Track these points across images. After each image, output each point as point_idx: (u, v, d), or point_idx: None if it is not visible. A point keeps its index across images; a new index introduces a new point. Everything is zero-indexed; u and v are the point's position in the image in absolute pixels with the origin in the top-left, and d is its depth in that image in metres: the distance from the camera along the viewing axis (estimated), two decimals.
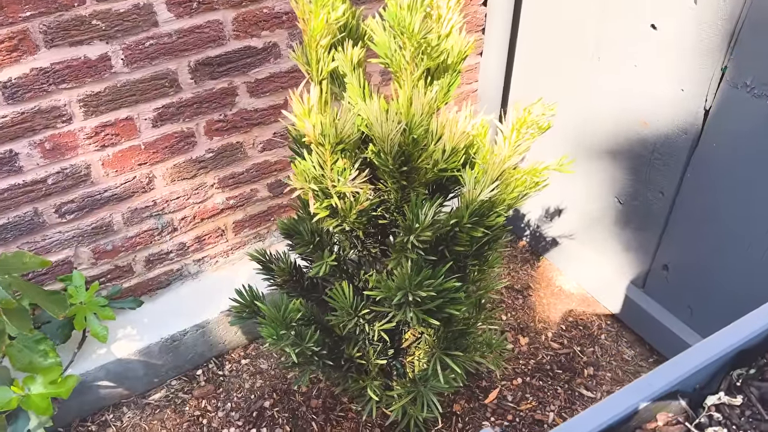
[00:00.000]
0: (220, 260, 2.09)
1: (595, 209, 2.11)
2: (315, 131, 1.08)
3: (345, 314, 1.35)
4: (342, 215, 1.18)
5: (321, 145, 1.10)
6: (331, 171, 1.15)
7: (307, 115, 1.06)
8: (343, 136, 1.08)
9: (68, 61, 1.51)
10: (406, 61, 1.12)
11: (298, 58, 1.15)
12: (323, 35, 1.09)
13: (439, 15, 1.13)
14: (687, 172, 1.75)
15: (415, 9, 1.05)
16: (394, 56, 1.11)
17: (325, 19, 1.07)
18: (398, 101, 1.17)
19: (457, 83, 1.23)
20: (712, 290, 1.83)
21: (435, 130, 1.16)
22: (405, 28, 1.05)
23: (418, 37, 1.06)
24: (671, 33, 1.63)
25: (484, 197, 1.13)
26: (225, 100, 1.78)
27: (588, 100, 1.94)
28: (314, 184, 1.15)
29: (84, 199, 1.72)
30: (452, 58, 1.19)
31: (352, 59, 1.17)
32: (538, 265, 2.40)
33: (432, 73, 1.21)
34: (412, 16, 1.05)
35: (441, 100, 1.23)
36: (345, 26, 1.20)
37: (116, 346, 1.86)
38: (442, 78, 1.19)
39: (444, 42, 1.12)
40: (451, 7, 1.11)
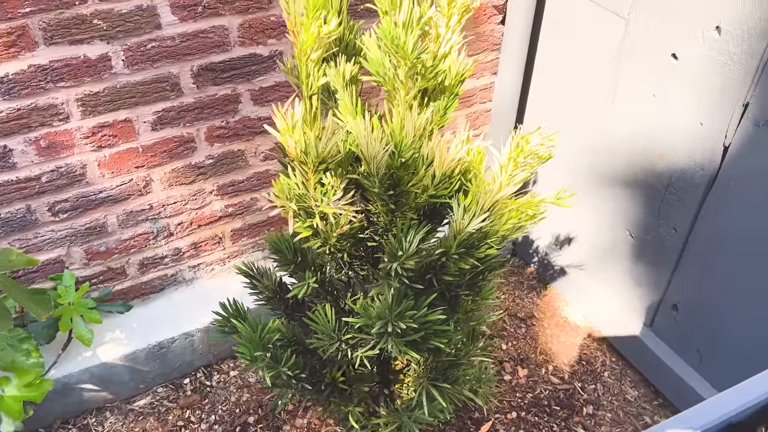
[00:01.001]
0: (216, 268, 2.05)
1: (605, 240, 2.02)
2: (297, 149, 1.03)
3: (326, 338, 1.29)
4: (323, 237, 1.13)
5: (303, 164, 1.05)
6: (314, 190, 1.10)
7: (290, 132, 1.01)
8: (326, 156, 1.03)
9: (67, 60, 1.49)
10: (400, 81, 1.06)
11: (287, 72, 1.10)
12: (314, 49, 1.04)
13: (437, 34, 1.08)
14: (702, 209, 1.66)
15: (411, 27, 1.00)
16: (387, 75, 1.06)
17: (316, 33, 1.02)
18: (391, 121, 1.12)
19: (454, 106, 1.17)
20: (724, 335, 1.73)
21: (426, 154, 1.10)
22: (399, 47, 1.00)
23: (412, 57, 1.00)
24: (692, 64, 1.55)
25: (472, 228, 1.06)
26: (227, 106, 1.74)
27: (604, 127, 1.87)
28: (296, 202, 1.10)
29: (78, 198, 1.69)
30: (450, 80, 1.13)
31: (344, 75, 1.12)
32: (545, 294, 2.32)
33: (429, 94, 1.15)
34: (407, 35, 0.99)
35: (437, 122, 1.17)
36: (340, 40, 1.15)
37: (102, 350, 1.83)
38: (439, 100, 1.14)
39: (441, 63, 1.07)
40: (450, 26, 1.06)
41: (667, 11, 1.56)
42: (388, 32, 1.00)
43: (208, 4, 1.56)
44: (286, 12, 1.04)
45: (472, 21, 1.94)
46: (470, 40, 1.98)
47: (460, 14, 1.05)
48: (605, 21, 1.74)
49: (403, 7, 0.99)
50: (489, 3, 1.93)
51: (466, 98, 2.12)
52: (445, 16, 1.05)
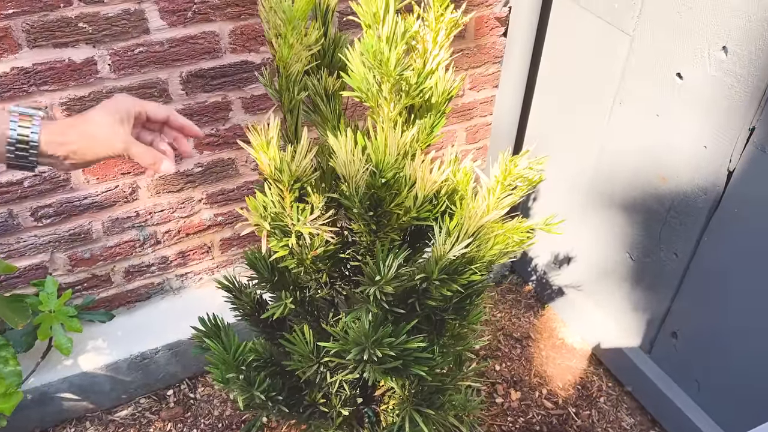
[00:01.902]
0: (204, 277, 2.01)
1: (604, 262, 1.96)
2: (271, 166, 0.98)
3: (304, 360, 1.24)
4: (298, 258, 1.08)
5: (278, 182, 1.00)
6: (290, 208, 1.05)
7: (264, 148, 0.97)
8: (300, 174, 0.98)
9: (51, 63, 1.45)
10: (384, 98, 1.01)
11: (266, 84, 1.05)
12: (293, 62, 0.99)
13: (424, 49, 1.02)
14: (704, 235, 1.60)
15: (395, 42, 0.95)
16: (370, 91, 1.01)
17: (295, 45, 0.97)
18: (375, 138, 1.07)
19: (442, 124, 1.11)
20: (724, 366, 1.67)
21: (409, 175, 1.05)
22: (382, 62, 0.95)
23: (395, 73, 0.95)
24: (697, 84, 1.49)
25: (455, 255, 1.01)
26: (218, 114, 1.70)
27: (605, 145, 1.81)
28: (271, 221, 1.05)
29: (62, 204, 1.66)
30: (436, 97, 1.08)
31: (325, 89, 1.07)
32: (542, 314, 2.25)
33: (415, 111, 1.10)
34: (391, 50, 0.94)
35: (423, 141, 1.12)
36: (324, 52, 1.10)
37: (83, 359, 1.79)
38: (425, 118, 1.08)
39: (426, 80, 1.01)
40: (438, 42, 1.01)
41: (673, 29, 1.50)
42: (370, 47, 0.95)
43: (198, 9, 1.51)
44: (265, 22, 0.99)
45: (473, 33, 1.89)
46: (471, 52, 1.93)
47: (448, 29, 0.99)
48: (610, 37, 1.68)
49: (386, 21, 0.94)
50: (491, 15, 1.88)
51: (465, 111, 2.07)
52: (432, 30, 1.00)
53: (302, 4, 0.95)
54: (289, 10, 0.94)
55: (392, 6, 0.94)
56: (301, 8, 0.95)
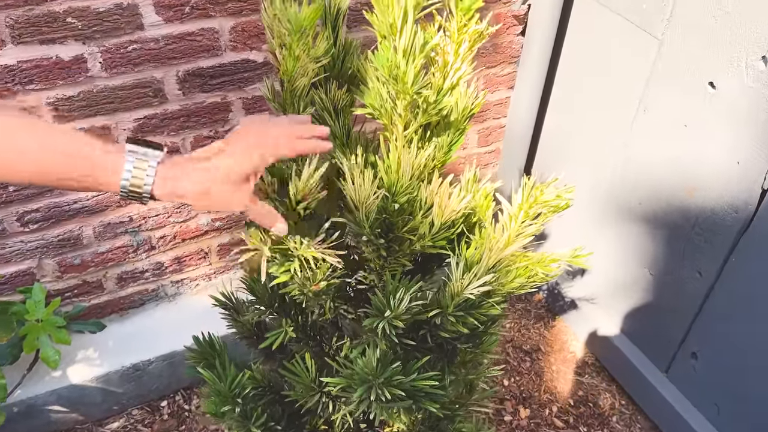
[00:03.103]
0: (201, 283, 1.92)
1: (621, 276, 1.86)
2: (275, 184, 0.88)
3: (305, 390, 1.15)
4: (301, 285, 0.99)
5: (281, 202, 0.91)
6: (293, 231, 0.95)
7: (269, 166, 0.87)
8: (306, 195, 0.89)
9: (38, 60, 1.35)
10: (398, 115, 0.91)
11: (269, 99, 0.95)
12: (299, 75, 0.89)
13: (445, 62, 0.92)
14: (732, 255, 1.50)
15: (413, 55, 0.85)
16: (383, 107, 0.91)
17: (302, 57, 0.87)
18: (387, 157, 0.97)
19: (460, 142, 1.02)
20: (746, 392, 1.58)
21: (424, 198, 0.95)
22: (398, 78, 0.84)
23: (412, 90, 0.85)
24: (732, 95, 1.38)
25: (471, 293, 0.92)
26: (217, 115, 1.60)
27: (627, 155, 1.70)
28: (272, 244, 0.96)
29: (50, 209, 1.56)
30: (456, 115, 0.98)
31: (334, 103, 0.97)
32: (553, 325, 2.16)
33: (432, 128, 1.00)
34: (408, 65, 0.84)
35: (440, 160, 1.02)
36: (332, 61, 0.99)
37: (73, 370, 1.70)
38: (442, 135, 0.98)
39: (446, 98, 0.91)
40: (460, 54, 0.90)
41: (707, 35, 1.40)
42: (385, 60, 0.84)
43: (196, 4, 1.41)
44: (269, 30, 0.89)
45: None
46: (486, 51, 1.82)
47: (472, 41, 0.89)
48: (636, 40, 1.57)
49: (404, 32, 0.84)
50: (508, 12, 1.77)
51: (479, 113, 1.96)
52: (454, 42, 0.89)
53: (311, 11, 0.84)
54: (295, 18, 0.84)
55: (411, 16, 0.84)
56: (309, 16, 0.84)
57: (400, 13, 0.83)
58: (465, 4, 0.86)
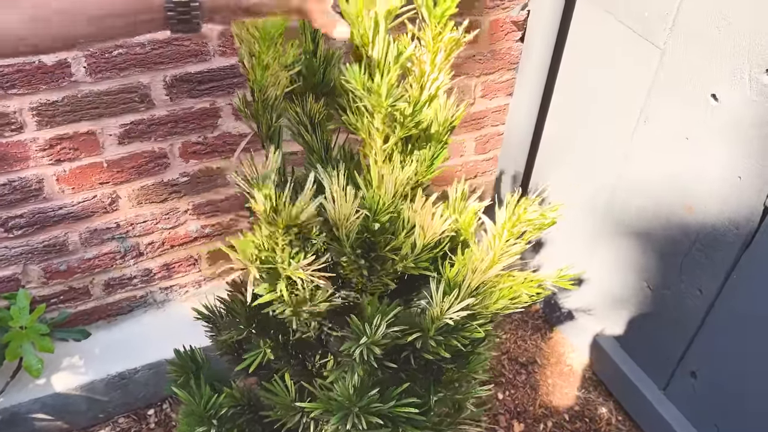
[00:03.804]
0: (190, 290, 1.89)
1: (619, 289, 1.82)
2: (266, 206, 0.84)
3: (285, 410, 1.12)
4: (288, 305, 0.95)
5: (271, 224, 0.87)
6: (282, 252, 0.92)
7: (260, 185, 0.83)
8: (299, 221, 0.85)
9: (20, 65, 1.32)
10: (376, 129, 0.87)
11: (240, 108, 0.91)
12: (270, 84, 0.86)
13: (422, 71, 0.88)
14: (733, 273, 1.45)
15: (387, 68, 0.80)
16: (360, 121, 0.87)
17: (271, 66, 0.83)
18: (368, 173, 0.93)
19: (443, 155, 0.97)
20: (747, 413, 1.53)
21: (407, 218, 0.91)
22: (372, 90, 0.80)
23: (386, 104, 0.81)
24: (735, 108, 1.33)
25: (451, 319, 0.88)
26: (205, 121, 1.56)
27: (626, 166, 1.66)
28: (260, 263, 0.92)
29: (34, 215, 1.53)
30: (436, 127, 0.93)
31: (310, 116, 0.93)
32: (550, 337, 2.12)
33: (413, 141, 0.96)
34: (382, 77, 0.80)
35: (423, 174, 0.98)
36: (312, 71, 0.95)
37: (57, 378, 1.67)
38: (424, 149, 0.94)
39: (423, 110, 0.87)
40: (436, 63, 0.86)
41: (710, 45, 1.35)
42: (358, 75, 0.80)
43: None
44: (237, 37, 0.85)
45: (487, 37, 1.74)
46: (484, 57, 1.78)
47: (448, 50, 0.85)
48: (638, 49, 1.53)
49: (376, 43, 0.80)
50: (507, 18, 1.73)
51: (476, 120, 1.92)
52: (430, 51, 0.85)
53: (279, 18, 0.80)
54: (263, 26, 0.80)
55: (383, 26, 0.80)
56: (278, 23, 0.81)
57: (371, 23, 0.79)
58: (438, 12, 0.82)
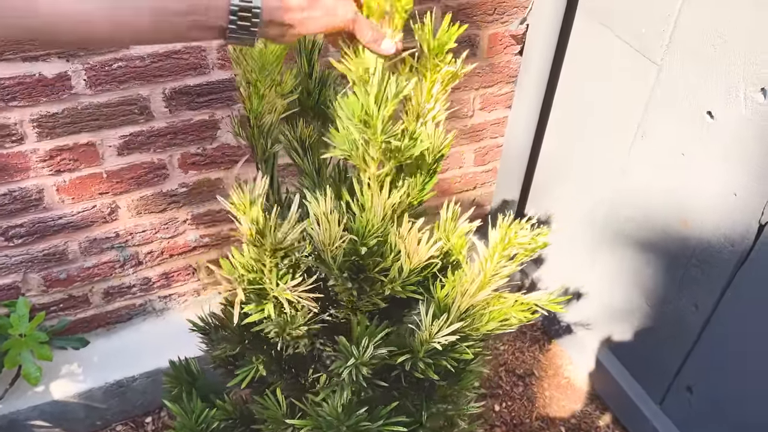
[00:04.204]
0: (189, 299, 1.90)
1: (617, 303, 1.82)
2: (252, 230, 0.85)
3: (276, 425, 1.12)
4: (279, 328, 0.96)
5: (257, 246, 0.88)
6: (270, 272, 0.92)
7: (246, 209, 0.84)
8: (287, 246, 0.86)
9: (20, 78, 1.33)
10: (370, 157, 0.88)
11: (236, 133, 0.92)
12: (266, 111, 0.87)
13: (417, 101, 0.88)
14: (729, 290, 1.45)
15: (385, 102, 0.81)
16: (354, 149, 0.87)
17: (267, 94, 0.84)
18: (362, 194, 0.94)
19: (434, 182, 0.98)
20: (742, 430, 1.53)
21: (394, 242, 0.91)
22: (368, 123, 0.81)
23: (381, 138, 0.82)
24: (730, 126, 1.34)
25: (439, 343, 0.88)
26: (205, 133, 1.58)
27: (624, 180, 1.66)
28: (248, 284, 0.93)
29: (34, 224, 1.55)
30: (428, 156, 0.94)
31: (301, 140, 0.94)
32: (548, 349, 2.12)
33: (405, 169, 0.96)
34: (379, 112, 0.80)
35: (415, 197, 0.99)
36: (307, 93, 0.96)
37: (55, 385, 1.69)
38: (416, 176, 0.95)
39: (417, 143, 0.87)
40: (433, 95, 0.87)
41: (706, 62, 1.35)
42: (357, 108, 0.81)
43: None
44: (235, 63, 0.86)
45: (485, 51, 1.75)
46: (483, 71, 1.78)
47: (445, 82, 0.86)
48: (635, 64, 1.53)
49: (375, 79, 0.81)
50: (506, 32, 1.73)
51: (475, 132, 1.93)
52: (427, 81, 0.86)
53: (276, 47, 0.81)
54: (260, 55, 0.81)
55: (380, 67, 0.81)
56: (274, 53, 0.82)
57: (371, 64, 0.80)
58: (437, 44, 0.82)
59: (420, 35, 0.83)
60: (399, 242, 0.89)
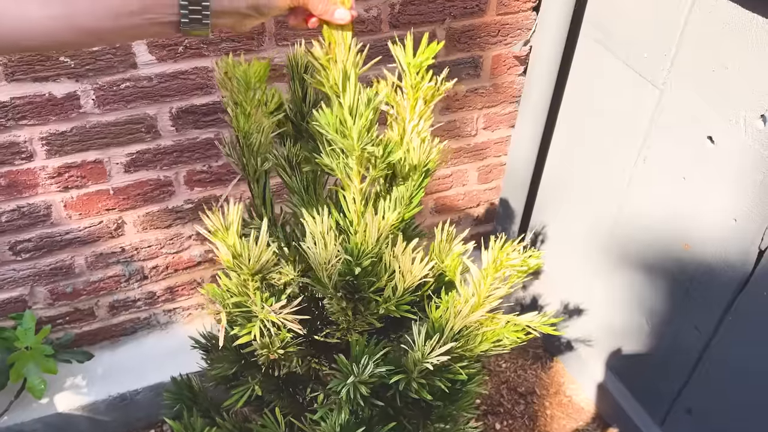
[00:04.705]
0: (193, 313, 1.92)
1: (618, 323, 1.82)
2: (229, 256, 0.87)
3: None
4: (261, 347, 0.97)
5: (236, 271, 0.90)
6: (254, 295, 0.94)
7: (223, 235, 0.86)
8: (261, 268, 0.87)
9: (30, 97, 1.36)
10: (350, 168, 0.89)
11: (227, 154, 0.95)
12: (254, 131, 0.89)
13: (402, 117, 0.90)
14: (729, 313, 1.45)
15: (359, 113, 0.83)
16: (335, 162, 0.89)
17: (254, 114, 0.86)
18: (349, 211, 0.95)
19: (420, 195, 0.99)
20: None
21: (388, 262, 0.93)
22: (344, 134, 0.83)
23: (358, 147, 0.83)
24: (731, 152, 1.34)
25: (430, 363, 0.89)
26: (210, 150, 1.60)
27: (625, 201, 1.67)
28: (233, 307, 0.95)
29: (42, 239, 1.57)
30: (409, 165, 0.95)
31: (288, 159, 0.96)
32: (550, 366, 2.12)
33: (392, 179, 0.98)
34: (354, 121, 0.82)
35: (404, 213, 1.00)
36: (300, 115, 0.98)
37: (60, 398, 1.71)
38: (402, 188, 0.96)
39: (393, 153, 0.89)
40: (416, 111, 0.88)
41: (706, 88, 1.36)
42: (332, 118, 0.83)
43: (190, 44, 1.41)
44: (220, 86, 0.89)
45: (489, 71, 1.76)
46: (486, 91, 1.80)
47: (428, 98, 0.87)
48: (637, 87, 1.54)
49: (347, 90, 0.82)
50: (509, 53, 1.75)
51: (478, 151, 1.94)
52: (410, 98, 0.88)
53: (259, 67, 0.84)
54: (244, 75, 0.83)
55: (353, 75, 0.82)
56: (257, 72, 0.84)
57: (339, 74, 0.82)
58: (416, 62, 0.84)
59: (399, 52, 0.84)
60: (393, 262, 0.90)
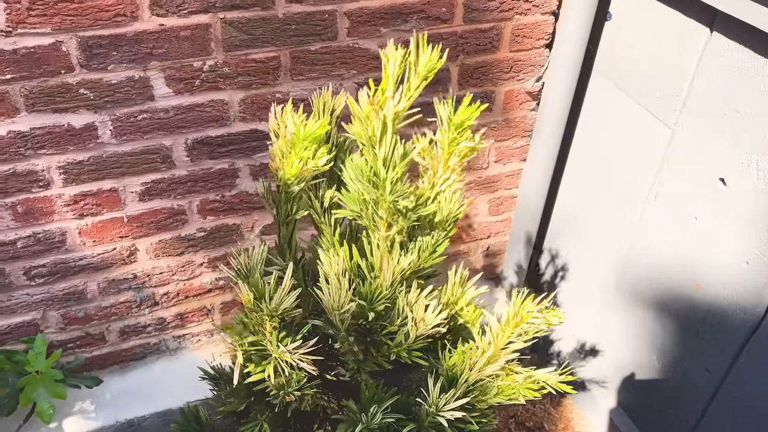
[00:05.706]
0: (203, 339, 1.92)
1: (629, 360, 1.80)
2: (250, 296, 0.88)
3: None
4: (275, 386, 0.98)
5: (255, 312, 0.91)
6: (270, 335, 0.95)
7: (245, 277, 0.87)
8: (282, 313, 0.88)
9: (50, 128, 1.39)
10: (379, 217, 0.90)
11: (263, 196, 0.96)
12: (295, 182, 0.90)
13: (434, 169, 0.91)
14: (741, 357, 1.44)
15: (393, 164, 0.84)
16: (364, 211, 0.90)
17: (300, 167, 0.87)
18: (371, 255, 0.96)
19: (445, 245, 1.00)
20: None
21: (402, 307, 0.93)
22: (377, 184, 0.84)
23: (390, 199, 0.84)
24: (743, 194, 1.34)
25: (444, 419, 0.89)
26: (224, 181, 1.62)
27: (636, 240, 1.66)
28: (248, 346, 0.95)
29: (56, 264, 1.59)
30: (440, 217, 0.96)
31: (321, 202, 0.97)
32: (560, 402, 2.10)
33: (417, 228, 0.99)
34: (387, 173, 0.83)
35: (425, 261, 1.01)
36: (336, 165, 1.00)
37: (68, 423, 1.71)
38: (427, 237, 0.97)
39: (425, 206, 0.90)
40: (449, 166, 0.89)
41: (719, 130, 1.36)
42: (367, 168, 0.84)
43: (206, 78, 1.44)
44: (273, 134, 0.90)
45: (501, 106, 1.78)
46: (498, 125, 1.81)
47: (462, 155, 0.88)
48: (649, 127, 1.55)
49: (383, 142, 0.84)
50: (522, 89, 1.76)
51: (489, 183, 1.95)
52: (445, 153, 0.89)
53: (317, 127, 0.85)
54: (300, 134, 0.84)
55: (390, 128, 0.83)
56: (315, 132, 0.85)
57: (379, 125, 0.83)
58: (457, 120, 0.85)
59: (443, 110, 0.86)
60: (407, 309, 0.91)
